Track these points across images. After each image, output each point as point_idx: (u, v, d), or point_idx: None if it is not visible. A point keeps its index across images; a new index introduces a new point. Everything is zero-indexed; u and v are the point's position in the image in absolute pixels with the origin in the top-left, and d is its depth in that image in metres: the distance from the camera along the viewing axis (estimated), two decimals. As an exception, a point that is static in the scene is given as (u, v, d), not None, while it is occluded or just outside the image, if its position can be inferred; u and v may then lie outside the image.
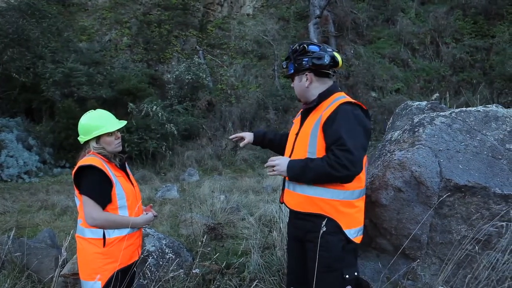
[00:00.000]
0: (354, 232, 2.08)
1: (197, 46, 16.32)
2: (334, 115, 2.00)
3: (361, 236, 2.16)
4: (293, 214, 2.24)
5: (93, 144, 2.28)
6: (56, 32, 12.61)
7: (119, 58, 14.76)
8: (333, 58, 2.13)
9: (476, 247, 2.24)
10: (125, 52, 15.44)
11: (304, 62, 2.14)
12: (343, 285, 2.04)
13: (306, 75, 2.17)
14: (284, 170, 2.10)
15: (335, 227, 2.02)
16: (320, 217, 2.03)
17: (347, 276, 2.03)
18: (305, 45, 2.16)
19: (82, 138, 2.29)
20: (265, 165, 2.23)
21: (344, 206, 2.05)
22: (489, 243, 2.27)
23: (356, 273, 2.09)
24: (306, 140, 2.11)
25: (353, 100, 2.09)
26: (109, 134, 2.27)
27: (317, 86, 2.18)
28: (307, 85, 2.18)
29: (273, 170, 2.16)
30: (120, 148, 2.34)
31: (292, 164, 2.09)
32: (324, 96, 2.15)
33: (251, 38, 16.64)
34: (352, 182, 2.03)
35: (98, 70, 12.53)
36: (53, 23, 12.63)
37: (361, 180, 2.10)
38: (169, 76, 14.48)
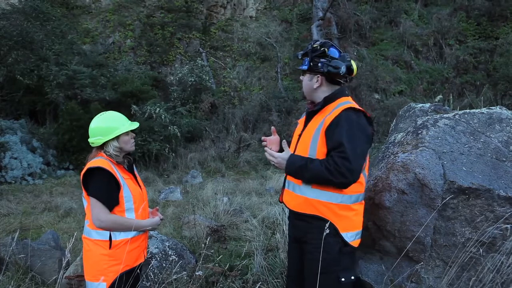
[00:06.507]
0: (351, 236, 2.08)
1: (200, 48, 16.36)
2: (337, 121, 2.00)
3: (359, 240, 2.16)
4: (293, 215, 2.24)
5: (114, 143, 2.29)
6: (60, 34, 12.65)
7: (123, 60, 14.79)
8: (348, 68, 2.12)
9: (481, 250, 2.23)
10: (129, 54, 15.50)
11: (319, 65, 2.11)
12: None
13: (318, 77, 2.15)
14: (284, 163, 2.10)
15: (331, 230, 2.02)
16: (317, 218, 2.04)
17: (343, 279, 2.03)
18: (326, 48, 2.12)
19: (100, 140, 2.27)
20: (266, 153, 2.19)
21: (341, 209, 2.05)
22: (494, 246, 2.27)
23: (352, 277, 2.08)
24: (308, 143, 2.12)
25: (357, 107, 2.09)
26: (127, 133, 2.32)
27: (325, 90, 2.17)
28: (316, 87, 2.17)
29: (273, 158, 2.13)
30: (134, 147, 2.40)
31: (292, 160, 2.09)
32: (329, 100, 2.15)
33: (254, 40, 16.67)
34: (352, 186, 2.02)
35: (101, 73, 12.54)
36: (57, 26, 12.67)
37: (361, 185, 2.10)
38: (172, 78, 14.51)
